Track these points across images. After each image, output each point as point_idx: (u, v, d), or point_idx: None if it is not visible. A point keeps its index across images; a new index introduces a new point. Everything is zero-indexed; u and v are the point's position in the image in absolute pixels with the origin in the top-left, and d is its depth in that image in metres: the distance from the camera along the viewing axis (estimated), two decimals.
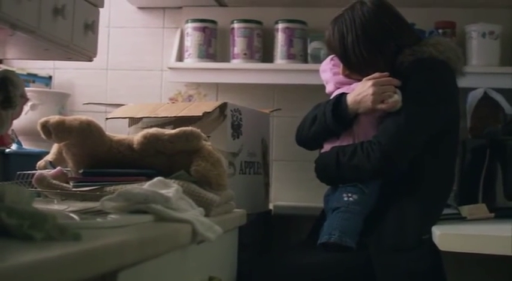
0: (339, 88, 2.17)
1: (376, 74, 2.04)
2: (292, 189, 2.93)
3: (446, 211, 2.25)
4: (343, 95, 2.09)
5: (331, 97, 2.15)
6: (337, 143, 2.09)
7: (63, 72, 3.08)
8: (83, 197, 1.67)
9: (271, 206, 2.65)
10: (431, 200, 2.05)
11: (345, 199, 2.04)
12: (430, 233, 1.95)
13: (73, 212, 1.39)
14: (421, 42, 2.09)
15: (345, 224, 1.99)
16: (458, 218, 2.18)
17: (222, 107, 2.13)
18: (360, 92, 2.04)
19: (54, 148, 1.83)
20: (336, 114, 2.07)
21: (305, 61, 2.88)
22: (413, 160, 2.01)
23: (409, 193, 2.02)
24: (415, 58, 2.05)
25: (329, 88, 2.23)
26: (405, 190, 2.02)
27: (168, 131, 1.73)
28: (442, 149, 2.07)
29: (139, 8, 3.12)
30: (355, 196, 2.03)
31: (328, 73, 2.20)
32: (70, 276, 0.88)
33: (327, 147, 2.12)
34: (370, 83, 2.02)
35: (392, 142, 1.97)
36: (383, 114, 2.04)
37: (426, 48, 2.07)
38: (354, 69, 2.10)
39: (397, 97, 2.00)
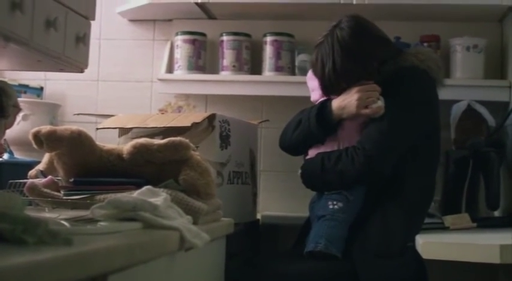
0: (323, 96, 2.20)
1: (361, 82, 2.09)
2: (280, 199, 2.97)
3: (430, 221, 2.29)
4: (328, 101, 2.13)
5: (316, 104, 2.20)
6: (321, 149, 2.13)
7: (55, 83, 3.12)
8: (73, 206, 1.69)
9: (259, 216, 2.67)
10: (414, 207, 2.09)
11: (330, 206, 2.07)
12: (414, 240, 1.99)
13: (64, 220, 1.42)
14: (402, 53, 2.15)
15: (330, 232, 2.03)
16: (442, 228, 2.22)
17: (211, 117, 2.16)
18: (345, 97, 2.09)
19: (46, 157, 1.85)
20: (320, 119, 2.11)
21: (293, 73, 2.92)
22: (395, 166, 2.06)
23: (393, 199, 2.06)
24: (397, 66, 2.11)
25: (315, 96, 2.26)
26: (388, 197, 2.06)
27: (157, 141, 1.75)
28: (422, 155, 2.12)
29: (130, 20, 3.16)
30: (340, 204, 2.07)
31: (315, 81, 2.21)
32: (61, 278, 0.91)
33: (312, 153, 2.16)
34: (355, 89, 2.07)
35: (376, 147, 2.02)
36: (366, 120, 2.09)
37: (407, 58, 2.13)
38: (332, 94, 2.15)
39: (380, 103, 2.06)
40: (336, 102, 2.11)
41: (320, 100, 2.20)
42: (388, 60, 2.12)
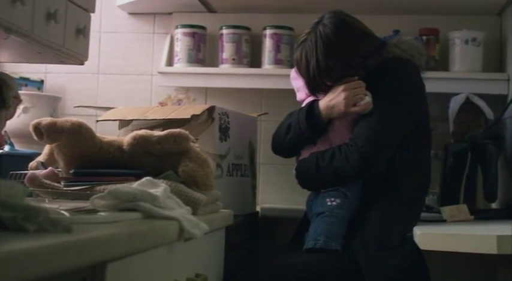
0: (309, 96, 2.20)
1: (346, 79, 2.08)
2: (279, 192, 2.98)
3: (428, 213, 2.30)
4: (315, 102, 2.13)
5: (303, 105, 2.20)
6: (314, 150, 2.13)
7: (55, 76, 3.13)
8: (73, 197, 1.70)
9: (258, 208, 2.68)
10: (411, 197, 2.09)
11: (328, 203, 2.08)
12: (412, 230, 1.99)
13: (64, 210, 1.43)
14: (385, 45, 2.15)
15: (329, 228, 2.03)
16: (439, 221, 2.23)
17: (210, 110, 2.17)
18: (332, 97, 2.09)
19: (46, 148, 1.86)
20: (310, 121, 2.11)
21: (292, 66, 2.91)
22: (389, 159, 2.06)
23: (389, 192, 2.06)
24: (381, 59, 2.11)
25: (300, 96, 2.26)
26: (384, 190, 2.06)
27: (157, 133, 1.77)
28: (414, 143, 2.12)
29: (130, 13, 3.17)
30: (338, 200, 2.07)
31: (300, 81, 2.21)
32: (62, 264, 0.93)
33: (304, 154, 2.16)
34: (341, 88, 2.07)
35: (368, 143, 2.02)
36: (356, 117, 2.09)
37: (390, 49, 2.13)
38: (318, 93, 2.15)
39: (368, 99, 2.06)
40: (324, 103, 2.10)
41: (307, 100, 2.20)
42: (372, 54, 2.12)
